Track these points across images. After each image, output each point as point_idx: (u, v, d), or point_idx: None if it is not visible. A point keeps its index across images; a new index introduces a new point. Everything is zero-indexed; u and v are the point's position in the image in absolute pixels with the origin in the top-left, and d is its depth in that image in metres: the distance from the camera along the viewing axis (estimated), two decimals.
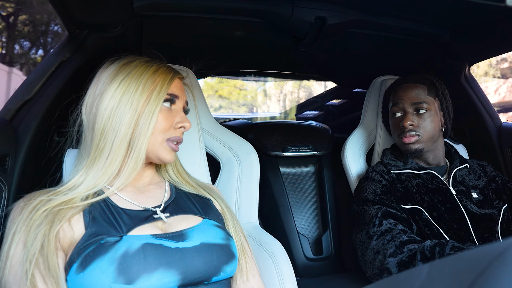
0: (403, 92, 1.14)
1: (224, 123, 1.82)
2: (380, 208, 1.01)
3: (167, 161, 0.78)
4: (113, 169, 0.73)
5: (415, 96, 1.12)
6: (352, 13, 1.11)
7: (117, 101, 0.73)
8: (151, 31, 1.16)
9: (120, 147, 0.73)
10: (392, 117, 1.17)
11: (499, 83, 9.86)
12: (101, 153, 0.73)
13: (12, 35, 10.24)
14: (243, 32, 1.22)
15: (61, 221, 0.64)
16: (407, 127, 1.09)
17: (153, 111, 0.74)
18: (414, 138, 1.09)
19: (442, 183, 1.08)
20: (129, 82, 0.74)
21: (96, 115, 0.74)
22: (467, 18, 1.14)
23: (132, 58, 0.79)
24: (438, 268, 0.33)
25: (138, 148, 0.73)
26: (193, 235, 0.71)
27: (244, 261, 0.80)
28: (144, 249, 0.63)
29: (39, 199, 0.66)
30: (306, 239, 1.51)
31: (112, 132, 0.72)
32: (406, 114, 1.11)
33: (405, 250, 0.88)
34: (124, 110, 0.73)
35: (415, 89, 1.13)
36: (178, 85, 0.81)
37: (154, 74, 0.76)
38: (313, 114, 2.38)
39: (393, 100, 1.17)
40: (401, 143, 1.13)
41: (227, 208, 0.86)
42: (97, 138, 0.73)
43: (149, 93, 0.74)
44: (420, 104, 1.11)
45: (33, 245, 0.60)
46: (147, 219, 0.71)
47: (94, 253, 0.61)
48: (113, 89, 0.74)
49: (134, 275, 0.60)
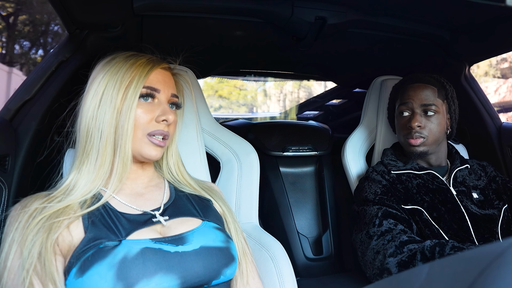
0: (413, 92, 1.11)
1: (224, 123, 1.82)
2: (380, 208, 1.01)
3: (151, 157, 0.75)
4: (104, 170, 0.72)
5: (425, 98, 1.10)
6: (352, 13, 1.11)
7: (98, 100, 0.72)
8: (151, 31, 1.16)
9: (107, 147, 0.72)
10: (399, 116, 1.15)
11: (499, 83, 9.86)
12: (89, 155, 0.72)
13: (12, 35, 10.24)
14: (243, 32, 1.22)
15: (60, 228, 0.63)
16: (414, 128, 1.08)
17: (130, 107, 0.72)
18: (420, 140, 1.08)
19: (443, 183, 1.08)
20: (108, 79, 0.73)
21: (81, 116, 0.74)
22: (467, 18, 1.14)
23: (117, 55, 0.77)
24: (438, 268, 0.33)
25: (123, 147, 0.72)
26: (192, 239, 0.70)
27: (245, 264, 0.79)
28: (143, 254, 0.63)
29: (34, 207, 0.65)
30: (306, 239, 1.51)
31: (97, 132, 0.72)
32: (414, 115, 1.09)
33: (405, 250, 0.88)
34: (105, 108, 0.72)
35: (426, 90, 1.11)
36: (160, 77, 0.77)
37: (130, 67, 0.74)
38: (313, 114, 2.38)
39: (402, 98, 1.15)
40: (407, 144, 1.11)
41: (229, 211, 0.85)
42: (83, 140, 0.73)
43: (125, 89, 0.72)
44: (429, 106, 1.09)
45: (30, 254, 0.59)
46: (146, 222, 0.70)
47: (93, 257, 0.60)
48: (94, 89, 0.73)
49: (133, 280, 0.60)
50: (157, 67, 0.77)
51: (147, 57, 0.78)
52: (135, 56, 0.77)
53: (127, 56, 0.77)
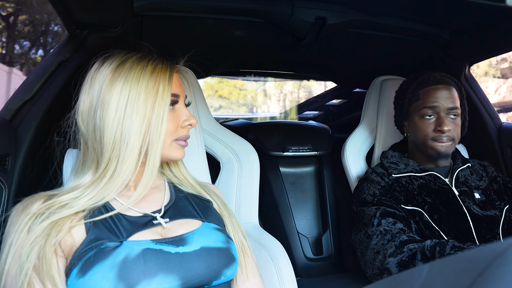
0: (440, 94, 1.08)
1: (224, 123, 1.82)
2: (379, 208, 1.01)
3: (178, 159, 0.78)
4: (122, 179, 0.70)
5: (451, 100, 1.07)
6: (352, 13, 1.11)
7: (122, 111, 0.69)
8: (151, 31, 1.16)
9: (131, 156, 0.70)
10: (421, 119, 1.10)
11: (499, 83, 9.86)
12: (111, 165, 0.70)
13: (12, 35, 10.24)
14: (243, 32, 1.22)
15: (61, 232, 0.63)
16: (445, 132, 1.05)
17: (162, 117, 0.71)
18: (449, 143, 1.07)
19: (445, 183, 1.07)
20: (129, 88, 0.70)
21: (103, 128, 0.70)
22: (467, 18, 1.14)
23: (122, 58, 0.74)
24: (438, 268, 0.33)
25: (153, 156, 0.71)
26: (193, 239, 0.71)
27: (243, 259, 0.79)
28: (144, 255, 0.63)
29: (36, 209, 0.64)
30: (306, 239, 1.51)
31: (123, 143, 0.69)
32: (442, 119, 1.06)
33: (405, 250, 0.88)
34: (131, 119, 0.69)
35: (451, 92, 1.08)
36: (177, 82, 0.78)
37: (152, 75, 0.72)
38: (313, 114, 2.38)
39: (426, 101, 1.09)
40: (432, 147, 1.08)
41: (224, 206, 0.86)
42: (107, 152, 0.70)
43: (153, 98, 0.71)
44: (456, 109, 1.07)
45: (29, 258, 0.59)
46: (146, 224, 0.70)
47: (94, 258, 0.60)
48: (116, 99, 0.70)
49: (134, 280, 0.60)
50: (174, 71, 0.77)
51: (161, 60, 0.76)
52: (148, 60, 0.75)
53: (139, 59, 0.74)
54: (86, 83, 0.74)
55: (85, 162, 0.75)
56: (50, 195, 0.69)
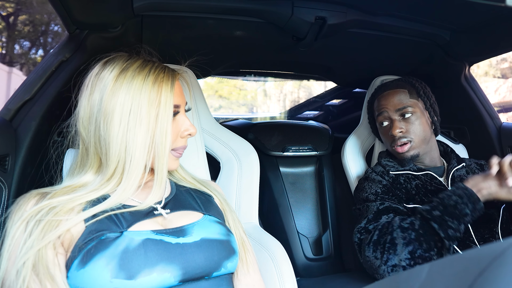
0: (385, 100, 1.14)
1: (224, 123, 1.82)
2: (383, 203, 1.02)
3: (172, 169, 0.79)
4: (127, 193, 0.71)
5: (397, 102, 1.12)
6: (352, 13, 1.11)
7: (126, 123, 0.69)
8: (151, 31, 1.15)
9: (136, 171, 0.70)
10: (380, 127, 1.17)
11: (499, 83, 9.85)
12: (115, 178, 0.71)
13: (12, 35, 10.24)
14: (243, 32, 1.22)
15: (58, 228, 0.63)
16: (397, 135, 1.09)
17: (166, 130, 0.71)
18: (407, 145, 1.09)
19: (441, 184, 1.08)
20: (131, 99, 0.69)
21: (109, 141, 0.69)
22: (467, 18, 1.14)
23: (123, 64, 0.72)
24: (438, 268, 0.33)
25: (161, 170, 0.72)
26: (193, 231, 0.71)
27: (244, 254, 0.80)
28: (144, 245, 0.63)
29: (31, 211, 0.64)
30: (306, 239, 1.51)
31: (127, 157, 0.70)
32: (393, 122, 1.11)
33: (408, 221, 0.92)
34: (135, 131, 0.69)
35: (396, 94, 1.13)
36: (178, 91, 0.77)
37: (154, 84, 0.71)
38: (313, 114, 2.38)
39: (377, 109, 1.17)
40: (396, 153, 1.12)
41: (225, 201, 0.87)
42: (113, 164, 0.70)
43: (156, 109, 0.71)
44: (405, 109, 1.10)
45: (26, 263, 0.59)
46: (147, 215, 0.71)
47: (95, 249, 0.61)
48: (119, 110, 0.69)
49: (135, 270, 0.60)
50: (176, 79, 0.76)
51: (163, 68, 0.75)
52: (150, 68, 0.73)
53: (141, 67, 0.73)
54: (86, 88, 0.73)
55: (83, 164, 0.75)
56: (42, 193, 0.69)
